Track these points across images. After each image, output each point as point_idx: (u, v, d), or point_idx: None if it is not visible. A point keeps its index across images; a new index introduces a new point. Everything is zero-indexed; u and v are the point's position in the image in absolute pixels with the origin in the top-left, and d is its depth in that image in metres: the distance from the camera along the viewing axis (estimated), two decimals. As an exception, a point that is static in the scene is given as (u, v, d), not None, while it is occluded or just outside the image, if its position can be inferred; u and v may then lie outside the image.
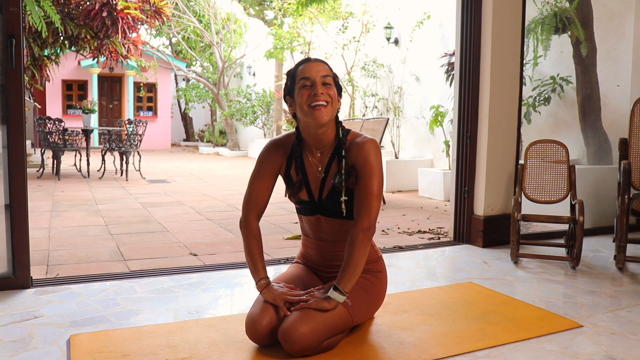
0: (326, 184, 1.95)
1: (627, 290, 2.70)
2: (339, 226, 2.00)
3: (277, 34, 11.33)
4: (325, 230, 2.03)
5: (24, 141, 2.54)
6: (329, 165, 1.94)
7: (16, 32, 2.48)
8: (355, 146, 1.90)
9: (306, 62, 1.91)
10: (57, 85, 15.39)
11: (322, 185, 1.96)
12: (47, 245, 3.64)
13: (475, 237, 3.65)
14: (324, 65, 1.90)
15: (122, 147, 8.02)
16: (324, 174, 1.95)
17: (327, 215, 1.98)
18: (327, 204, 1.95)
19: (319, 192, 1.97)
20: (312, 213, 2.01)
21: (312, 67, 1.88)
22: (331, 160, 1.94)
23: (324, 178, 1.95)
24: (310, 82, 1.85)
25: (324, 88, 1.85)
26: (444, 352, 1.91)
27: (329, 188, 1.94)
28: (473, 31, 3.59)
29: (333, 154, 1.94)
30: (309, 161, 1.97)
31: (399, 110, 8.18)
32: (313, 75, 1.85)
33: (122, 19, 7.30)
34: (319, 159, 1.96)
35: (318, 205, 1.98)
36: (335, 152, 1.93)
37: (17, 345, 1.94)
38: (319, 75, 1.86)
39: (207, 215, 4.97)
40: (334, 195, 1.93)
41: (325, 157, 1.95)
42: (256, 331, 1.86)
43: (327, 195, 1.95)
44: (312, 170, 1.97)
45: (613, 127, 4.78)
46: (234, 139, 15.06)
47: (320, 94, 1.84)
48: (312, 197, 1.98)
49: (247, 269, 3.04)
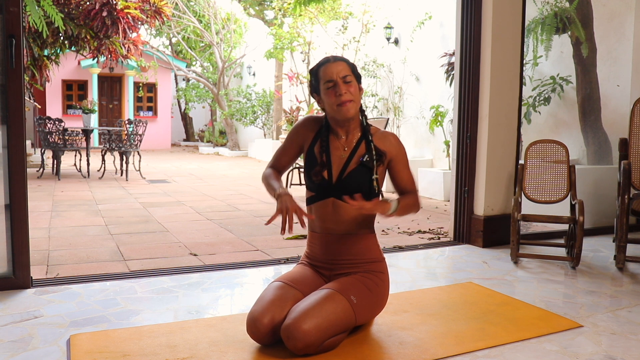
0: (350, 165, 2.04)
1: (627, 290, 2.70)
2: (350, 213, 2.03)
3: (277, 34, 11.33)
4: (335, 219, 2.05)
5: (24, 141, 2.54)
6: (355, 148, 2.07)
7: (16, 32, 2.48)
8: (381, 136, 2.09)
9: (326, 63, 2.04)
10: (57, 85, 15.38)
11: (345, 166, 2.05)
12: (47, 245, 3.64)
13: (475, 237, 3.65)
14: (343, 64, 2.03)
15: (122, 147, 8.02)
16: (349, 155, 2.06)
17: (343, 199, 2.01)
18: (347, 184, 2.02)
19: (340, 173, 2.05)
20: (326, 196, 2.05)
21: (333, 69, 2.01)
22: (358, 144, 2.07)
23: (348, 159, 2.05)
24: (333, 83, 2.00)
25: (346, 86, 2.00)
26: (444, 352, 1.91)
27: (352, 168, 2.04)
28: (473, 31, 3.59)
29: (360, 139, 2.08)
30: (335, 143, 2.09)
31: (399, 110, 8.18)
32: (334, 77, 2.00)
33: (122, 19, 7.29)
34: (344, 142, 2.09)
35: (335, 187, 2.04)
36: (362, 137, 2.09)
37: (17, 345, 1.94)
38: (339, 76, 2.00)
39: (207, 215, 4.97)
40: (356, 175, 2.02)
41: (352, 141, 2.08)
42: (257, 330, 1.86)
43: (348, 174, 2.03)
44: (337, 152, 2.08)
45: (613, 127, 4.78)
46: (234, 139, 15.05)
47: (345, 93, 1.99)
48: (331, 178, 2.06)
49: (247, 269, 3.04)
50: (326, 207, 2.06)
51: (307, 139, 2.14)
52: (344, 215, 2.04)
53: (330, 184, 2.05)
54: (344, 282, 1.97)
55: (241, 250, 3.58)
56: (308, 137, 2.14)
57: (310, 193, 2.11)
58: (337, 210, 2.05)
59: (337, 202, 2.04)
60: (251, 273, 2.99)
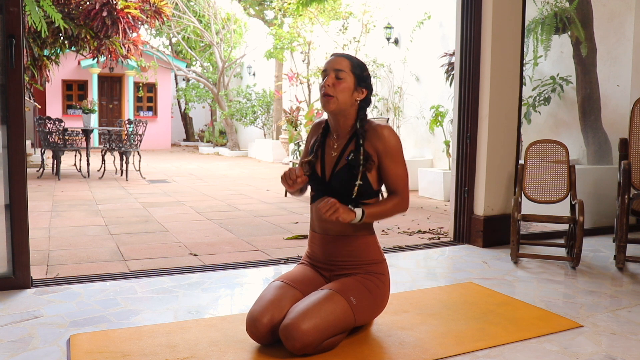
0: (339, 163, 2.04)
1: (627, 290, 2.70)
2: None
3: (277, 34, 11.33)
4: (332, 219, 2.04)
5: (24, 141, 2.54)
6: (345, 147, 2.06)
7: (16, 32, 2.48)
8: (373, 132, 2.02)
9: (332, 56, 2.06)
10: (57, 85, 15.38)
11: (335, 165, 2.05)
12: (47, 245, 3.64)
13: (475, 237, 3.65)
14: (343, 60, 2.03)
15: (122, 147, 8.02)
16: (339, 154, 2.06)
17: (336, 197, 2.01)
18: (335, 182, 2.02)
19: (331, 171, 2.06)
20: (323, 194, 2.06)
21: (331, 61, 2.03)
22: (347, 143, 2.06)
23: (338, 157, 2.05)
24: (325, 73, 2.02)
25: (336, 81, 1.99)
26: (444, 352, 1.91)
27: (340, 166, 2.03)
28: (473, 31, 3.59)
29: (350, 139, 2.06)
30: (329, 142, 2.11)
31: (399, 110, 8.18)
32: (328, 68, 2.02)
33: (122, 19, 7.29)
34: (335, 141, 2.10)
35: (327, 185, 2.06)
36: (352, 137, 2.06)
37: (17, 345, 1.94)
38: (333, 68, 2.01)
39: (207, 215, 4.97)
40: (342, 174, 2.01)
41: (342, 140, 2.08)
42: (257, 329, 1.86)
43: (336, 172, 2.03)
44: (329, 150, 2.10)
45: (613, 127, 4.78)
46: (234, 139, 15.05)
47: (327, 86, 1.99)
48: (324, 175, 2.07)
49: (247, 269, 3.05)
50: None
51: (313, 138, 2.21)
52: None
53: (324, 181, 2.07)
54: (343, 283, 1.97)
55: (241, 250, 3.58)
56: (314, 137, 2.21)
57: (312, 192, 2.14)
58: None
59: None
60: (251, 273, 2.99)
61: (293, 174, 1.96)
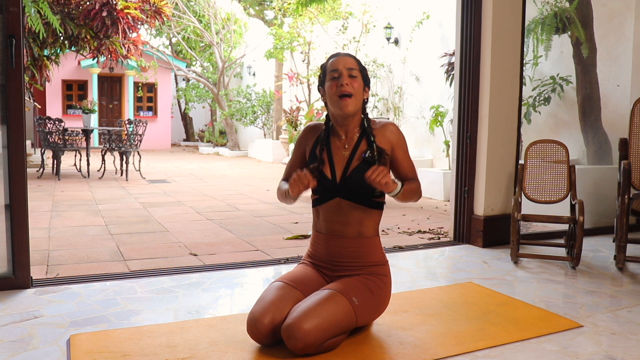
0: (352, 163, 2.03)
1: (627, 290, 2.70)
2: (356, 214, 2.03)
3: (277, 34, 11.33)
4: (341, 220, 2.04)
5: (24, 141, 2.54)
6: (356, 146, 2.06)
7: (16, 32, 2.48)
8: (381, 128, 2.07)
9: (335, 57, 2.06)
10: (57, 85, 15.38)
11: (347, 165, 2.03)
12: (47, 245, 3.64)
13: (475, 237, 3.65)
14: (351, 59, 2.04)
15: (122, 147, 8.02)
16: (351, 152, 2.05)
17: (348, 198, 2.01)
18: (351, 182, 2.01)
19: (343, 171, 2.03)
20: (332, 196, 2.04)
21: (340, 60, 2.02)
22: (358, 141, 2.06)
23: (350, 157, 2.04)
24: (337, 73, 2.00)
25: (350, 80, 2.00)
26: (444, 352, 1.91)
27: (355, 165, 2.02)
28: (473, 31, 3.59)
29: (360, 136, 2.07)
30: (336, 144, 2.09)
31: (399, 110, 8.18)
32: (340, 68, 2.00)
33: (122, 19, 7.29)
34: (344, 141, 2.08)
35: (340, 187, 2.03)
36: (362, 135, 2.07)
37: (17, 345, 1.94)
38: (345, 67, 2.01)
39: (207, 215, 4.97)
40: (359, 172, 1.99)
41: (352, 140, 2.07)
42: (258, 330, 1.86)
43: (352, 172, 2.02)
44: (339, 152, 2.07)
45: (613, 127, 4.78)
46: (234, 139, 15.05)
47: (346, 85, 1.98)
48: (335, 177, 2.04)
49: (247, 269, 3.05)
50: (332, 207, 2.05)
51: (309, 144, 2.15)
52: (348, 219, 2.03)
53: (334, 183, 2.04)
54: (346, 283, 1.97)
55: (241, 250, 3.58)
56: (309, 142, 2.15)
57: (315, 196, 2.10)
58: (342, 209, 2.04)
59: (343, 201, 2.03)
60: (251, 273, 2.99)
61: (305, 179, 1.90)
